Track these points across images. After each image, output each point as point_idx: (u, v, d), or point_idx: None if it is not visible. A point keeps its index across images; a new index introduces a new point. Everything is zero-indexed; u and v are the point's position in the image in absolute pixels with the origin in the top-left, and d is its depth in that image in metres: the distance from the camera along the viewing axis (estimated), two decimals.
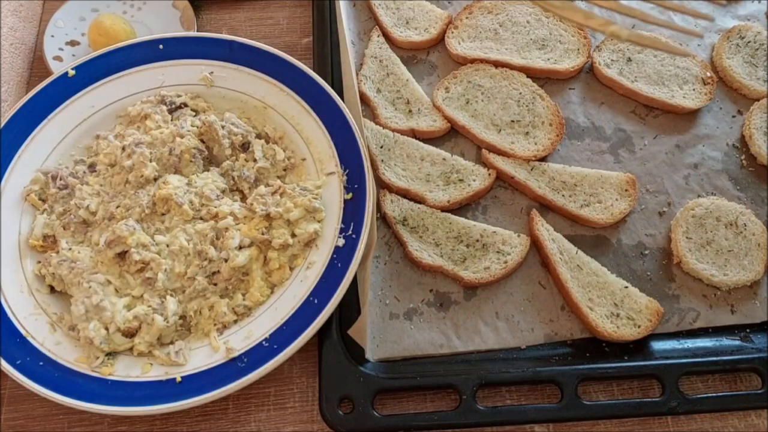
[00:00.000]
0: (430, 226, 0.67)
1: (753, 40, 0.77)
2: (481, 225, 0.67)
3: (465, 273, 0.64)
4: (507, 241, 0.66)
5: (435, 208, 0.68)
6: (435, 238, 0.66)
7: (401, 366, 0.61)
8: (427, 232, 0.67)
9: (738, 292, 0.65)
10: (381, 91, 0.75)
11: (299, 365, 0.62)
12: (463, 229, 0.67)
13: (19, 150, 0.67)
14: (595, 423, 0.59)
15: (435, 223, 0.67)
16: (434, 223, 0.67)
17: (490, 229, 0.66)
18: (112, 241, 0.62)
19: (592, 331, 0.62)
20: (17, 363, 0.57)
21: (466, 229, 0.67)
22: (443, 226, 0.67)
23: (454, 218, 0.67)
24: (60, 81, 0.70)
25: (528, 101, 0.73)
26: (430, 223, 0.67)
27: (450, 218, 0.67)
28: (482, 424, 0.58)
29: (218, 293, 0.61)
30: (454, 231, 0.67)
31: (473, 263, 0.65)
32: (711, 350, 0.62)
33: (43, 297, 0.62)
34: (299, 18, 0.83)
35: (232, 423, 0.60)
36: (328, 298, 0.59)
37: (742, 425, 0.59)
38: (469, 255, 0.65)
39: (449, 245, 0.66)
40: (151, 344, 0.59)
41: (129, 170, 0.66)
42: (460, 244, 0.66)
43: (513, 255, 0.65)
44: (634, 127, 0.74)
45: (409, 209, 0.68)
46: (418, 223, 0.67)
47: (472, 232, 0.66)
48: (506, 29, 0.78)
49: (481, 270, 0.64)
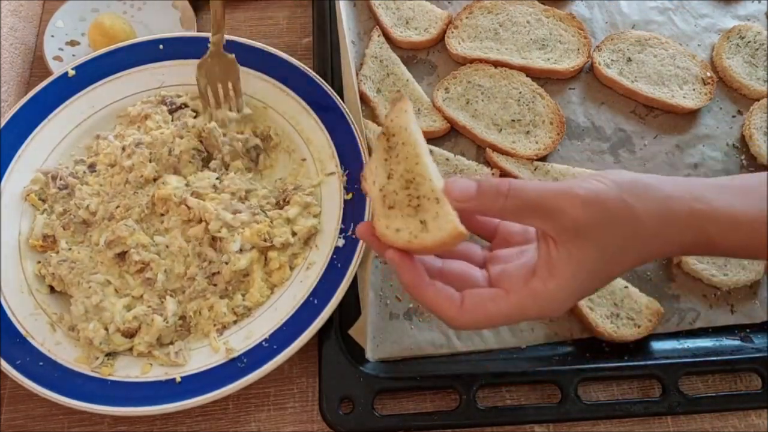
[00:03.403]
0: None
1: (753, 40, 0.77)
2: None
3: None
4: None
5: None
6: None
7: (401, 366, 0.61)
8: None
9: (738, 292, 0.65)
10: (381, 91, 0.75)
11: (299, 365, 0.62)
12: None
13: (19, 150, 0.67)
14: (595, 423, 0.59)
15: None
16: None
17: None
18: (111, 241, 0.62)
19: (592, 331, 0.62)
20: (17, 363, 0.57)
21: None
22: None
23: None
24: (60, 81, 0.70)
25: (528, 100, 0.73)
26: None
27: None
28: (482, 424, 0.58)
29: (218, 294, 0.61)
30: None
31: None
32: (711, 350, 0.62)
33: (43, 297, 0.62)
34: (299, 18, 0.83)
35: (232, 423, 0.60)
36: (328, 298, 0.59)
37: (742, 425, 0.59)
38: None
39: None
40: (151, 344, 0.59)
41: (129, 170, 0.66)
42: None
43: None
44: (634, 127, 0.74)
45: None
46: None
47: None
48: (506, 29, 0.78)
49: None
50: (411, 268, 0.44)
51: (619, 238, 0.42)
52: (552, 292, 0.42)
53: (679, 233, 0.43)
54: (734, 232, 0.43)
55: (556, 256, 0.42)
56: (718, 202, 0.43)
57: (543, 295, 0.42)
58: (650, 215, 0.42)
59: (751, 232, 0.43)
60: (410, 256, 0.44)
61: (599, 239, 0.41)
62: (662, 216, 0.42)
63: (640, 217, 0.41)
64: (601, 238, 0.41)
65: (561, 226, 0.41)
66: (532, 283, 0.42)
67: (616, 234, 0.41)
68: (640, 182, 0.43)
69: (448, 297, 0.44)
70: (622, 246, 0.42)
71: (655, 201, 0.42)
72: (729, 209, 0.43)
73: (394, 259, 0.44)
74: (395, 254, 0.44)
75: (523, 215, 0.43)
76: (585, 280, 0.42)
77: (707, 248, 0.45)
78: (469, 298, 0.44)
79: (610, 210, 0.41)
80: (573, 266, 0.41)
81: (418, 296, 0.44)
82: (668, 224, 0.42)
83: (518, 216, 0.43)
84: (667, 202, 0.42)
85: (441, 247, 0.43)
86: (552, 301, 0.42)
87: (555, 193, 0.41)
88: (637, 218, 0.41)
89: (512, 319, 0.44)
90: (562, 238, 0.41)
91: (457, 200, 0.43)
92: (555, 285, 0.42)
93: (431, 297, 0.44)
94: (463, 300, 0.44)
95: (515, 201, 0.42)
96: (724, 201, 0.43)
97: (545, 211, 0.41)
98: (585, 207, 0.41)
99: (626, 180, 0.42)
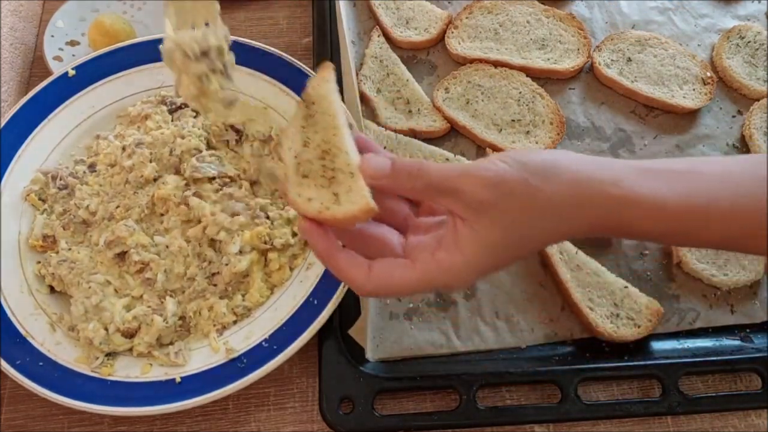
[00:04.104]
0: None
1: (753, 40, 0.77)
2: None
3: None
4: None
5: None
6: None
7: (401, 366, 0.61)
8: None
9: (738, 292, 0.65)
10: (381, 91, 0.75)
11: (299, 365, 0.62)
12: None
13: (19, 150, 0.67)
14: (595, 423, 0.59)
15: None
16: None
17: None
18: (111, 241, 0.62)
19: (592, 331, 0.62)
20: (17, 363, 0.57)
21: None
22: None
23: None
24: (60, 81, 0.70)
25: (528, 100, 0.73)
26: None
27: None
28: (482, 424, 0.58)
29: (218, 294, 0.61)
30: None
31: None
32: (711, 350, 0.62)
33: (43, 297, 0.62)
34: (299, 18, 0.83)
35: (232, 423, 0.60)
36: (328, 298, 0.59)
37: (742, 425, 0.59)
38: None
39: None
40: (151, 345, 0.59)
41: (129, 170, 0.66)
42: None
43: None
44: (634, 127, 0.74)
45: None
46: None
47: None
48: (506, 29, 0.78)
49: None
50: (323, 236, 0.44)
51: (523, 218, 0.42)
52: (457, 265, 0.42)
53: (589, 216, 0.43)
54: (650, 219, 0.42)
55: (461, 232, 0.42)
56: (639, 188, 0.42)
57: (448, 268, 0.43)
58: (558, 197, 0.42)
59: (671, 220, 0.42)
60: (322, 225, 0.44)
61: (501, 219, 0.42)
62: (571, 198, 0.42)
63: (547, 199, 0.41)
64: (504, 218, 0.42)
65: (464, 205, 0.42)
66: (438, 255, 0.43)
67: (518, 214, 0.42)
68: (551, 163, 0.42)
69: (357, 264, 0.44)
70: (527, 226, 0.42)
71: (565, 183, 0.42)
72: (649, 195, 0.42)
73: (306, 228, 0.44)
74: (306, 222, 0.44)
75: (431, 195, 0.44)
76: (489, 257, 0.43)
77: (620, 231, 0.45)
78: (378, 265, 0.44)
79: (512, 191, 0.41)
80: (476, 243, 0.42)
81: (329, 263, 0.45)
82: (578, 206, 0.42)
83: (427, 195, 0.44)
84: (579, 184, 0.42)
85: (351, 221, 0.43)
86: (456, 274, 0.43)
87: (458, 174, 0.42)
88: (542, 199, 0.41)
89: (418, 288, 0.44)
90: (466, 216, 0.42)
91: (371, 177, 0.43)
92: (460, 259, 0.42)
93: (342, 264, 0.44)
94: (371, 267, 0.44)
95: (423, 181, 0.43)
96: (647, 186, 0.42)
97: (450, 191, 0.42)
98: (486, 188, 0.41)
99: (535, 161, 0.42)
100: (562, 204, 0.42)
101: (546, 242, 0.45)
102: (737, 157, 0.45)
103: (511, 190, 0.41)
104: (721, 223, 0.42)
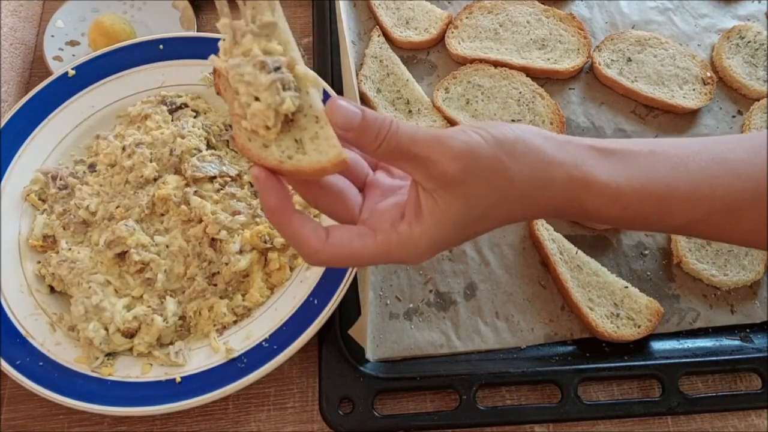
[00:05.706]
0: None
1: (753, 40, 0.77)
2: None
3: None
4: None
5: None
6: None
7: (401, 366, 0.61)
8: None
9: (738, 292, 0.65)
10: (381, 91, 0.75)
11: (299, 365, 0.62)
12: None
13: (19, 150, 0.67)
14: (595, 423, 0.59)
15: None
16: None
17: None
18: (111, 241, 0.62)
19: (592, 331, 0.62)
20: (17, 363, 0.57)
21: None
22: None
23: None
24: (60, 81, 0.70)
25: (528, 100, 0.73)
26: None
27: None
28: (482, 424, 0.58)
29: (218, 294, 0.61)
30: None
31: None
32: (711, 350, 0.62)
33: (43, 297, 0.62)
34: (299, 18, 0.83)
35: (232, 423, 0.60)
36: (328, 298, 0.59)
37: (742, 425, 0.59)
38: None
39: None
40: (151, 345, 0.59)
41: (129, 170, 0.66)
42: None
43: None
44: (634, 127, 0.74)
45: None
46: None
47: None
48: (506, 29, 0.78)
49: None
50: (277, 190, 0.40)
51: (488, 194, 0.40)
52: (416, 238, 0.40)
53: (552, 198, 0.41)
54: (608, 204, 0.41)
55: (423, 203, 0.40)
56: (596, 170, 0.41)
57: (408, 240, 0.41)
58: (523, 177, 0.40)
59: (630, 206, 0.41)
60: (278, 177, 0.40)
61: (466, 193, 0.40)
62: (536, 179, 0.41)
63: (512, 178, 0.40)
64: (468, 192, 0.40)
65: (429, 175, 0.40)
66: (399, 226, 0.41)
67: (484, 191, 0.40)
68: (522, 141, 0.41)
69: (313, 229, 0.41)
70: (491, 203, 0.40)
71: (532, 164, 0.40)
72: (606, 179, 0.41)
73: (259, 177, 0.39)
74: (261, 172, 0.39)
75: (395, 158, 0.40)
76: (449, 231, 0.41)
77: (580, 215, 0.44)
78: (337, 232, 0.41)
79: (481, 166, 0.39)
80: (437, 215, 0.40)
81: (280, 224, 0.41)
82: (541, 188, 0.41)
83: (391, 159, 0.41)
84: (546, 166, 0.41)
85: (319, 173, 0.38)
86: (416, 247, 0.41)
87: (429, 141, 0.39)
88: (508, 178, 0.40)
89: (376, 260, 0.42)
90: (429, 186, 0.40)
91: (339, 126, 0.39)
92: (420, 231, 0.40)
93: (295, 227, 0.40)
94: (328, 234, 0.41)
95: (390, 143, 0.39)
96: (603, 169, 0.41)
97: (416, 158, 0.39)
98: (455, 160, 0.39)
99: (509, 137, 0.40)
100: (526, 185, 0.40)
101: (508, 221, 0.43)
102: (703, 139, 0.44)
103: (480, 164, 0.39)
104: (683, 209, 0.41)
